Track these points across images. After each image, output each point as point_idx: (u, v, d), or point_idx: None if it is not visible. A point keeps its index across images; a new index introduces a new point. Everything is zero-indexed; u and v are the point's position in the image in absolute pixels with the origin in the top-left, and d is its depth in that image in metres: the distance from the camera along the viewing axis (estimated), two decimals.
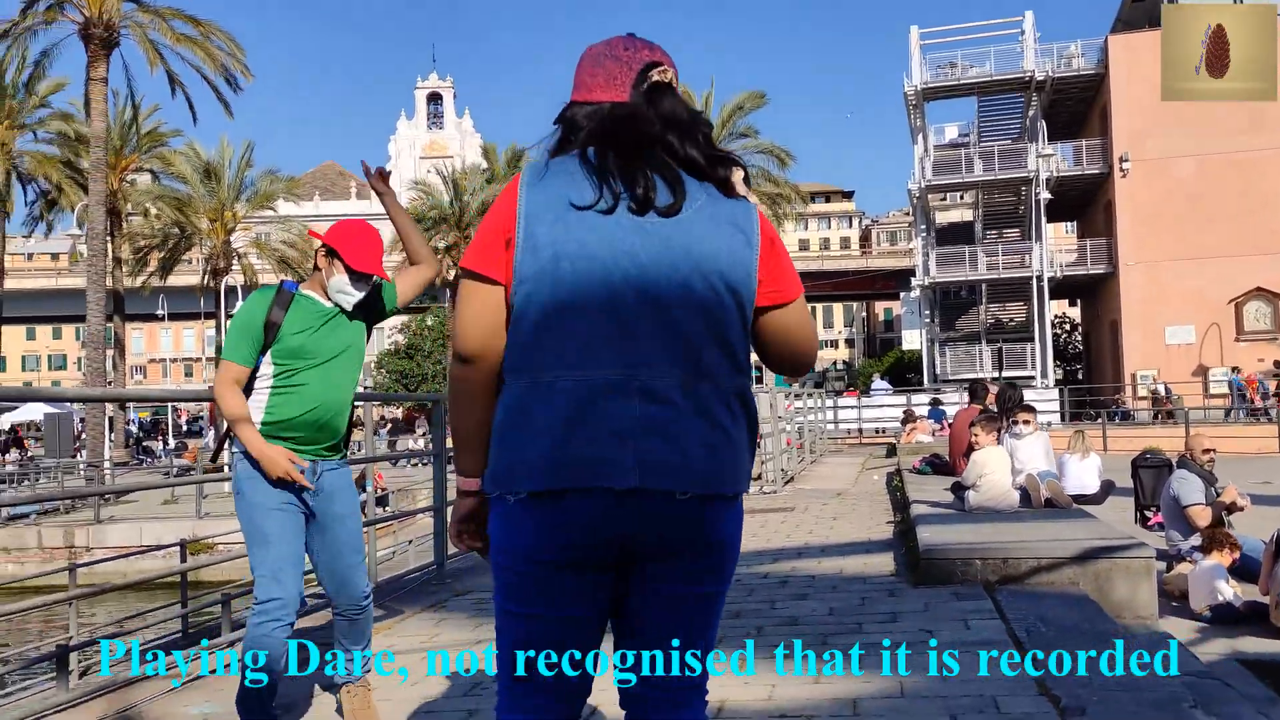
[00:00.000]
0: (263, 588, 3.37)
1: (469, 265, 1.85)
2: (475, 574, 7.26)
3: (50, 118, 37.85)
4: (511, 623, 1.89)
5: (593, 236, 1.79)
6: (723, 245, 1.83)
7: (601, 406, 1.76)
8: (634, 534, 1.80)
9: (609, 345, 1.78)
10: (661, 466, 1.77)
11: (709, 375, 1.82)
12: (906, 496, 9.36)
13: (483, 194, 42.61)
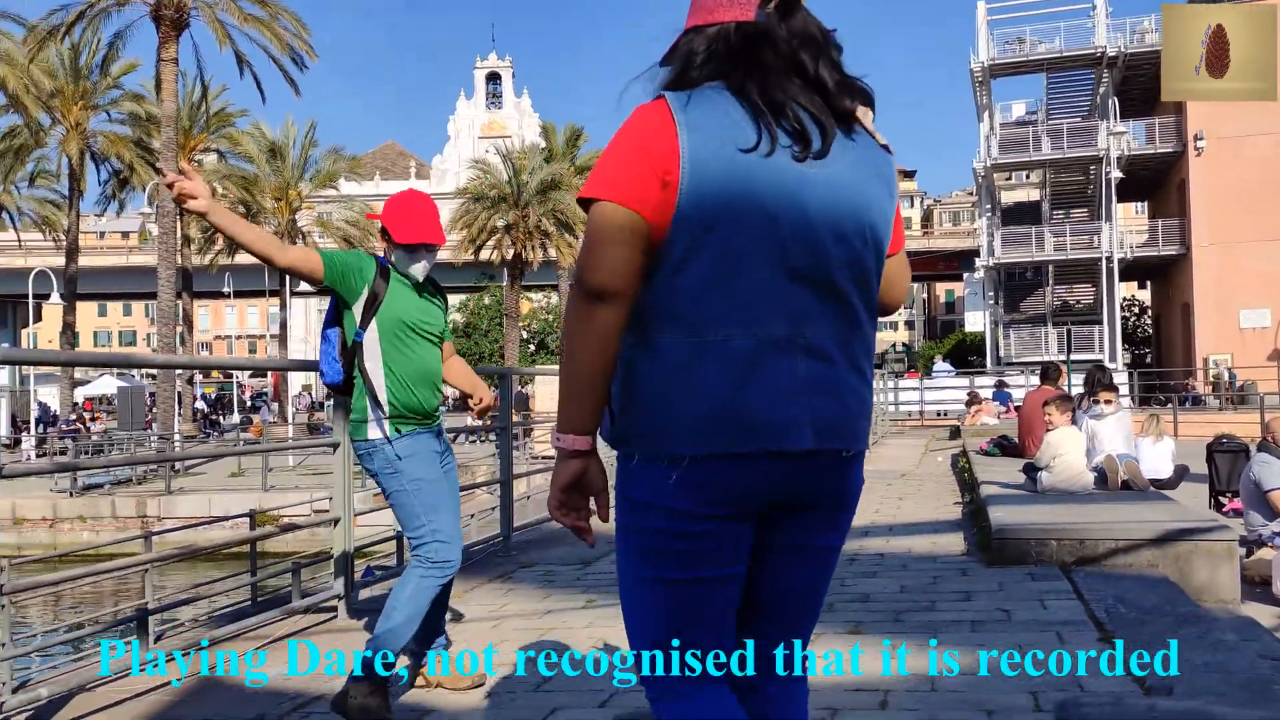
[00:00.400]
0: (436, 550, 3.54)
1: (617, 199, 1.67)
2: (541, 547, 7.31)
3: (122, 98, 38.60)
4: (662, 592, 1.75)
5: (760, 185, 1.66)
6: (873, 195, 1.76)
7: (771, 365, 1.67)
8: (797, 492, 1.74)
9: (776, 301, 1.68)
10: (833, 426, 1.72)
11: (858, 330, 1.77)
12: (974, 477, 9.24)
13: (541, 173, 42.71)
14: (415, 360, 3.61)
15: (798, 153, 1.69)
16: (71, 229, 38.63)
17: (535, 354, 58.46)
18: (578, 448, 1.73)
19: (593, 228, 1.69)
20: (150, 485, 22.54)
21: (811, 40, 1.74)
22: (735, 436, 1.66)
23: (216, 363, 5.01)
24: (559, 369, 1.73)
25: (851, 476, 1.83)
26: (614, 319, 1.69)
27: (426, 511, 3.56)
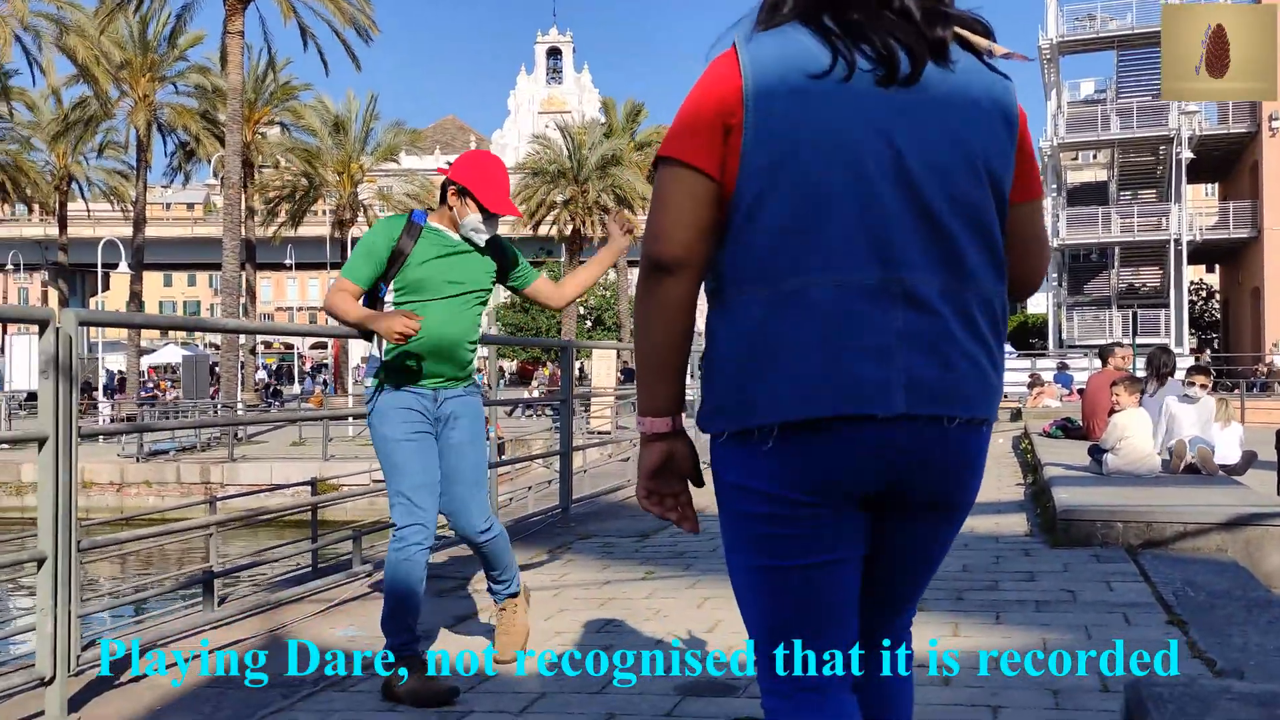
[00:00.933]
0: (398, 514, 3.46)
1: (674, 153, 1.54)
2: (599, 518, 7.35)
3: (189, 71, 39.14)
4: (767, 580, 1.59)
5: (838, 114, 1.49)
6: (984, 127, 1.55)
7: (859, 317, 1.47)
8: (898, 467, 1.53)
9: (864, 245, 1.49)
10: (931, 388, 1.50)
11: (971, 281, 1.54)
12: (1037, 458, 9.10)
13: (600, 148, 42.67)
14: (431, 316, 3.46)
15: (882, 76, 1.50)
16: (139, 199, 39.36)
17: (592, 330, 58.59)
18: (658, 430, 1.62)
19: (654, 192, 1.57)
20: (214, 452, 23.00)
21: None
22: (821, 400, 1.48)
23: (284, 328, 5.10)
24: (634, 349, 1.62)
25: (973, 451, 1.58)
26: (680, 289, 1.56)
27: (391, 473, 3.48)
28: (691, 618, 4.35)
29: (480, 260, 3.64)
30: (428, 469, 3.51)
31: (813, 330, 1.49)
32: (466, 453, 3.62)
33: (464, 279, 3.58)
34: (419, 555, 3.45)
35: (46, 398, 3.16)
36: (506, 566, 3.80)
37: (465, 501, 3.63)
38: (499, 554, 3.75)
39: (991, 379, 1.58)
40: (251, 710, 3.30)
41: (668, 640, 4.01)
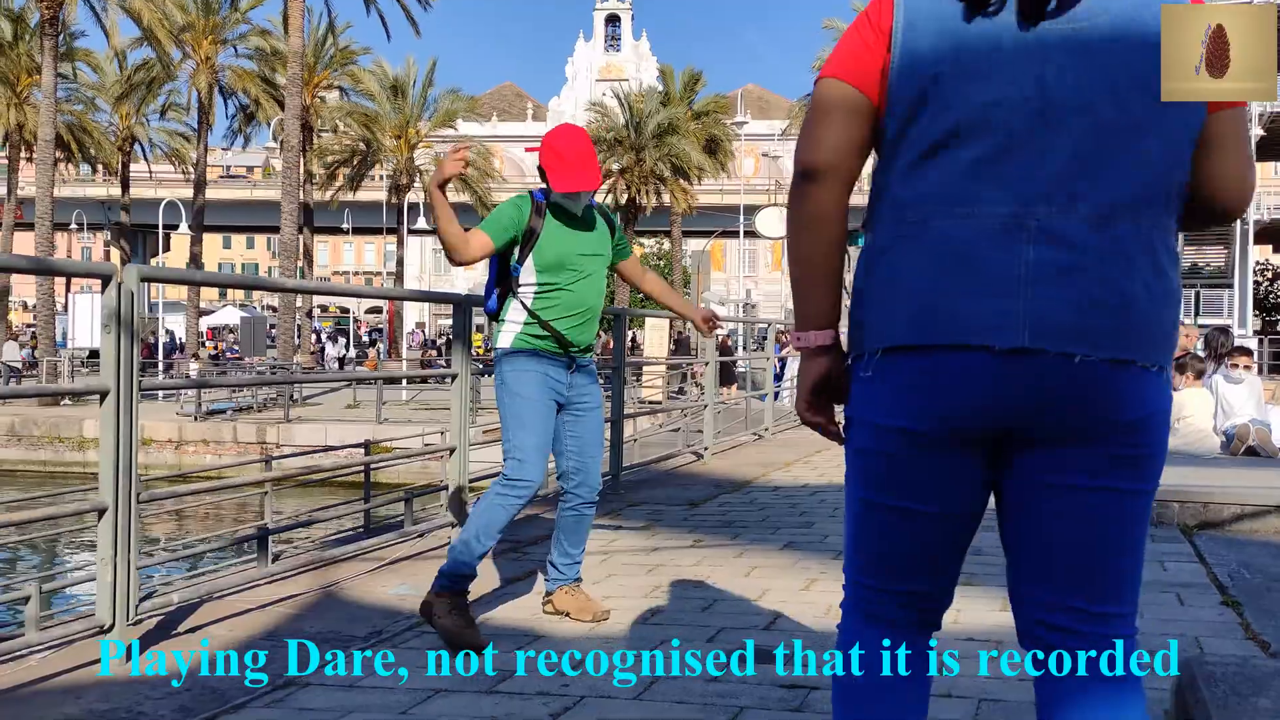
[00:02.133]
0: (511, 467, 3.57)
1: (832, 74, 1.56)
2: (649, 486, 7.37)
3: (250, 33, 39.51)
4: (870, 514, 1.62)
5: (980, 46, 1.47)
6: (1141, 46, 1.52)
7: (987, 249, 1.45)
8: (1019, 407, 1.47)
9: (998, 177, 1.47)
10: (1059, 322, 1.43)
11: (1130, 211, 1.48)
12: None
13: (657, 116, 42.45)
14: (570, 295, 3.65)
15: (1031, 8, 1.47)
16: (200, 161, 39.91)
17: (645, 300, 58.62)
18: (820, 343, 1.63)
19: (811, 106, 1.59)
20: (270, 413, 23.37)
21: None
22: (935, 327, 1.46)
23: (341, 289, 5.16)
24: (788, 261, 1.64)
25: (1119, 393, 1.46)
26: (829, 197, 1.57)
27: (514, 426, 3.60)
28: (739, 585, 4.36)
29: (600, 226, 3.80)
30: (547, 432, 3.65)
31: (935, 259, 1.48)
32: (595, 417, 3.81)
33: (591, 247, 3.73)
34: (513, 506, 3.57)
35: (109, 351, 3.23)
36: (583, 542, 3.89)
37: (593, 463, 3.81)
38: (584, 525, 3.85)
39: (1147, 320, 1.47)
40: (304, 663, 3.36)
41: (715, 607, 4.02)
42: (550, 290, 3.65)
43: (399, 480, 16.12)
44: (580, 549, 3.88)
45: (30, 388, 16.34)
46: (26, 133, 37.27)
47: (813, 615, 3.89)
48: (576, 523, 3.84)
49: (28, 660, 3.28)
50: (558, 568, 3.87)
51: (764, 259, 76.75)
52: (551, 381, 3.67)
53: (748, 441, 10.77)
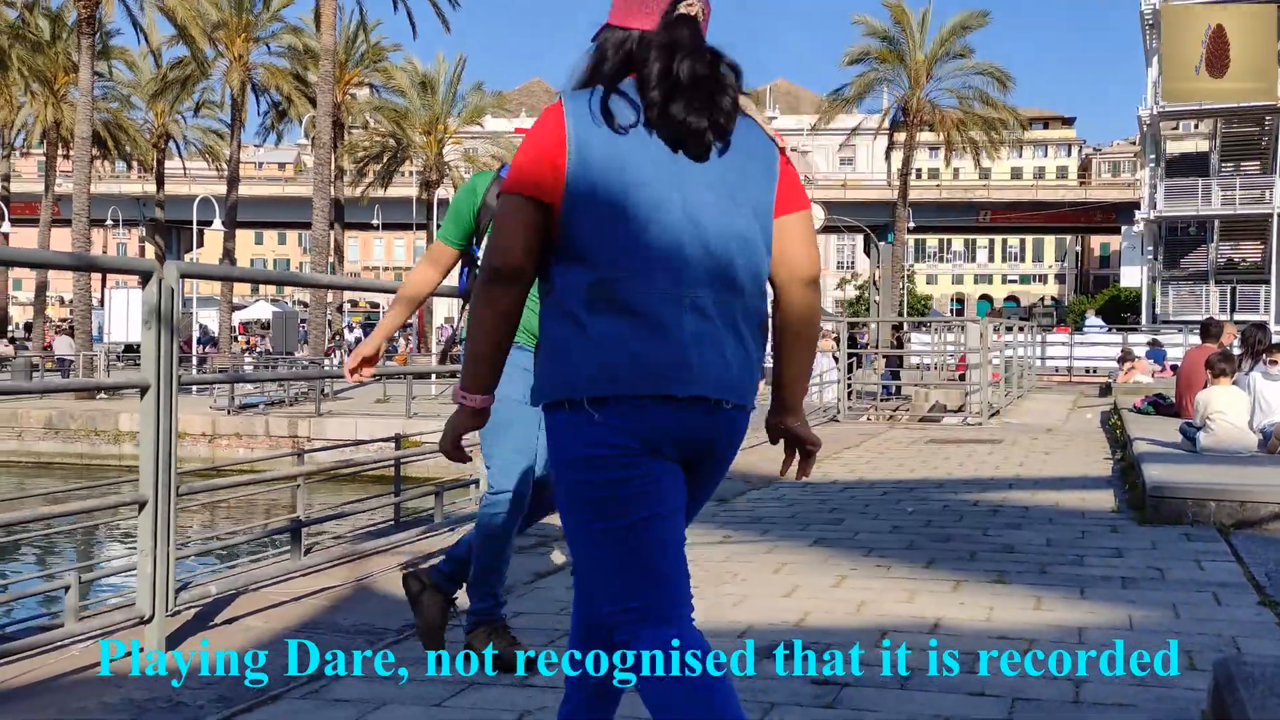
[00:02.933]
0: (494, 478, 3.38)
1: (514, 188, 1.89)
2: None
3: (282, 31, 39.78)
4: (608, 540, 1.90)
5: (637, 161, 1.87)
6: (751, 176, 1.93)
7: (663, 318, 1.84)
8: (692, 440, 1.90)
9: (662, 263, 1.85)
10: (714, 376, 1.87)
11: (740, 296, 1.91)
12: (1127, 434, 8.90)
13: None
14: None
15: (672, 138, 1.87)
16: (233, 158, 40.23)
17: None
18: (481, 405, 1.99)
19: (496, 218, 1.92)
20: (301, 407, 23.53)
21: (698, 51, 1.91)
22: (637, 380, 1.86)
23: (374, 284, 5.18)
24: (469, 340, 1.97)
25: (738, 432, 1.98)
26: (514, 295, 1.92)
27: (487, 431, 3.21)
28: (769, 582, 4.36)
29: None
30: (528, 432, 3.38)
31: (629, 325, 1.85)
32: None
33: None
34: (499, 518, 3.32)
35: (149, 347, 3.27)
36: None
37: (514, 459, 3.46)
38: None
39: (751, 375, 1.95)
40: (335, 654, 3.40)
41: (745, 603, 4.03)
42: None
43: (428, 474, 16.21)
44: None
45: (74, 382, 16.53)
46: (64, 130, 37.71)
47: (843, 612, 3.89)
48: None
49: (69, 650, 3.33)
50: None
51: None
52: (524, 374, 3.23)
53: None
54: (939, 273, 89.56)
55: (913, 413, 14.98)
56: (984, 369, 12.74)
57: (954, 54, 38.75)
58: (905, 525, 5.66)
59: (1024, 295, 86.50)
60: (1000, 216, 61.12)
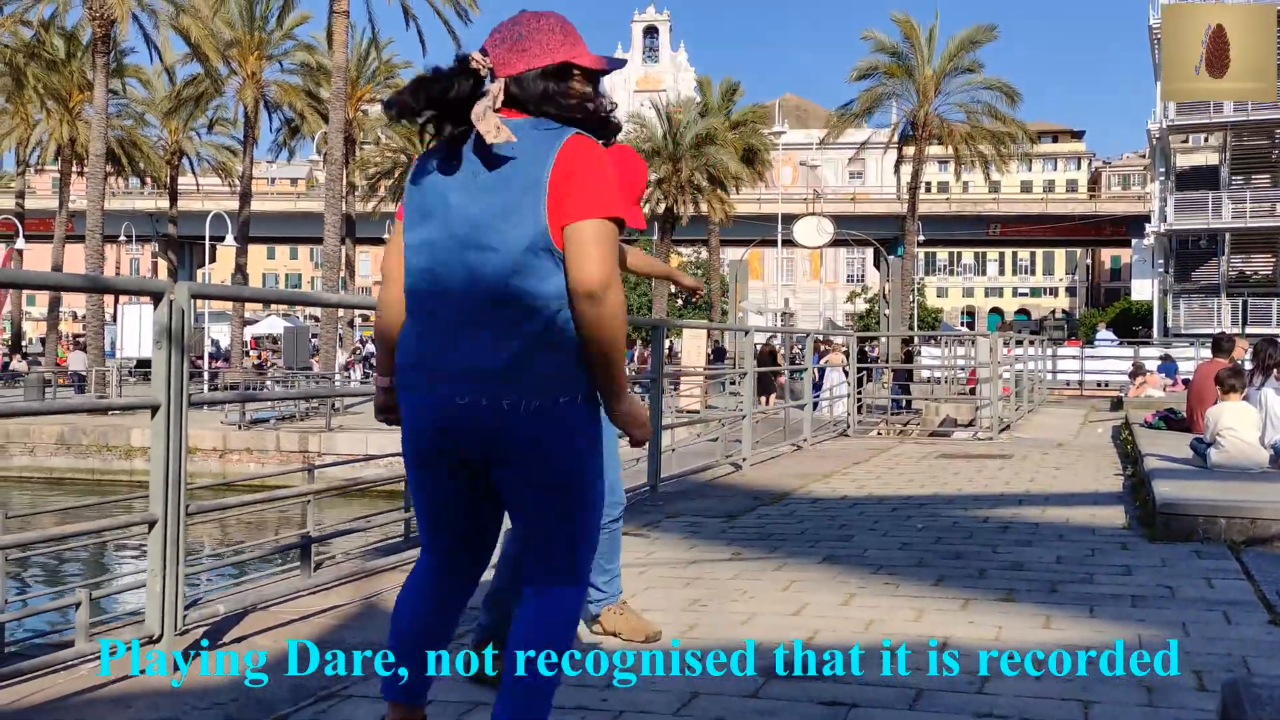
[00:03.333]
0: None
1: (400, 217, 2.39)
2: (687, 497, 7.37)
3: (294, 49, 40.04)
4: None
5: (428, 195, 2.30)
6: (509, 189, 2.20)
7: (433, 329, 2.25)
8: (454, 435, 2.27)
9: (426, 282, 2.28)
10: (466, 378, 2.20)
11: (487, 308, 2.20)
12: (1138, 450, 8.86)
13: (695, 127, 42.50)
14: None
15: (446, 166, 2.28)
16: (245, 174, 40.44)
17: (683, 309, 58.58)
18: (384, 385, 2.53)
19: (390, 238, 2.52)
20: (312, 422, 23.59)
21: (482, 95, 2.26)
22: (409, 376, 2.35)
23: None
24: (375, 335, 2.51)
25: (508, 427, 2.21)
26: (392, 293, 2.43)
27: None
28: (778, 599, 4.36)
29: None
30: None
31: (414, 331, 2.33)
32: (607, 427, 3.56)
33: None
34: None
35: (159, 367, 3.29)
36: (616, 558, 3.71)
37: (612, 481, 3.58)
38: (614, 540, 3.66)
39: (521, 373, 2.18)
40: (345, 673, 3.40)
41: (753, 620, 4.02)
42: None
43: None
44: (615, 563, 3.74)
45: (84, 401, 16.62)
46: (78, 147, 38.01)
47: (851, 630, 3.88)
48: (604, 538, 3.62)
49: (78, 670, 3.35)
50: (599, 588, 3.73)
51: (802, 268, 76.46)
52: None
53: (786, 452, 10.74)
54: (949, 286, 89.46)
55: (923, 427, 14.96)
56: (994, 383, 12.72)
57: (962, 69, 38.79)
58: (914, 542, 5.65)
59: (1034, 308, 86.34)
60: (1010, 230, 61.06)
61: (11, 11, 33.26)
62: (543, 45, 2.30)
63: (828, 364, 19.69)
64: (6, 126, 42.05)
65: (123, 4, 29.89)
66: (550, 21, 2.33)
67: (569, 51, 2.32)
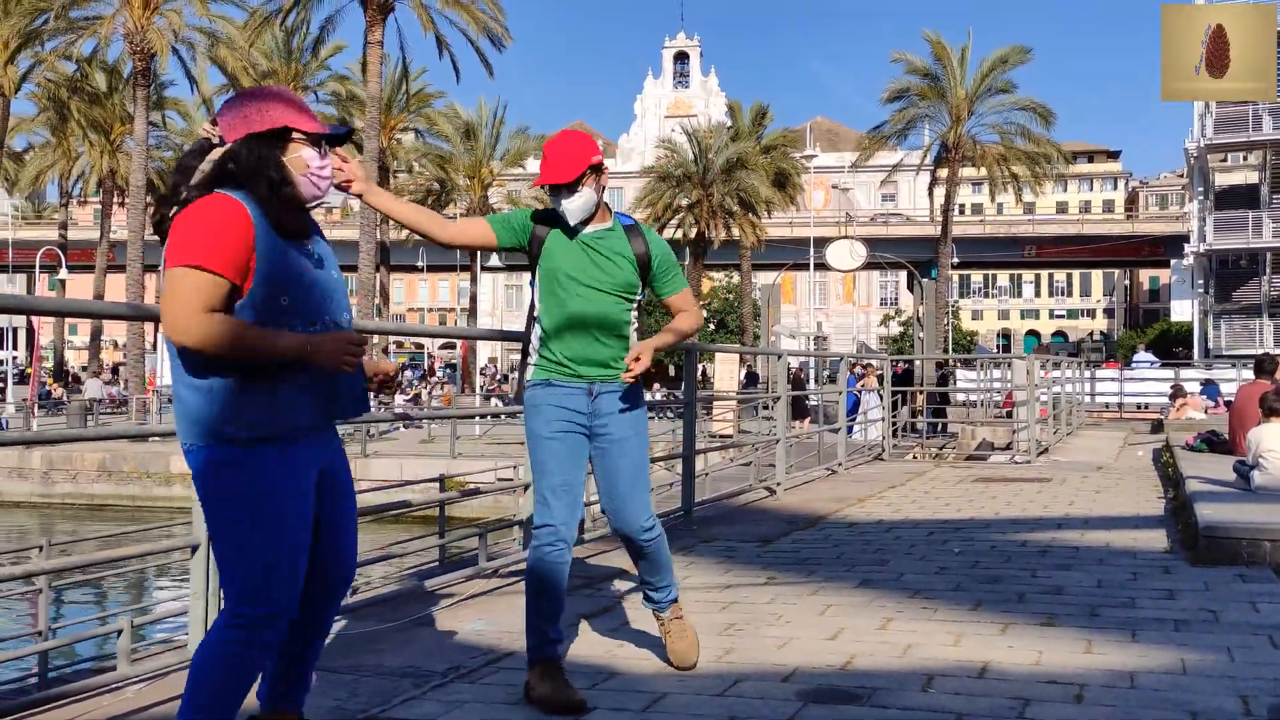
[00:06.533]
0: (537, 513, 3.46)
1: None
2: (722, 522, 7.36)
3: (329, 80, 40.59)
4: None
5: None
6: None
7: None
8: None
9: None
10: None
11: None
12: (1179, 472, 8.75)
13: (726, 151, 42.61)
14: (570, 308, 3.43)
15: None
16: None
17: (715, 333, 58.53)
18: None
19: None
20: (348, 448, 23.70)
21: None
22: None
23: (418, 329, 5.24)
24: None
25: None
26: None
27: (533, 468, 3.46)
28: (814, 624, 4.33)
29: (618, 257, 3.50)
30: (566, 469, 3.44)
31: None
32: (625, 448, 3.51)
33: (599, 271, 3.46)
34: (551, 555, 3.39)
35: None
36: (665, 570, 3.68)
37: (625, 499, 3.51)
38: (659, 555, 3.63)
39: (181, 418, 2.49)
40: (385, 697, 3.42)
41: (790, 645, 4.00)
42: (554, 307, 3.45)
43: (473, 515, 16.25)
44: (659, 575, 3.66)
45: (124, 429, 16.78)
46: (119, 178, 38.69)
47: (889, 655, 3.85)
48: (641, 558, 3.64)
49: (123, 693, 3.39)
50: (651, 599, 3.72)
51: (835, 291, 76.21)
52: (567, 414, 3.45)
53: (820, 476, 10.69)
54: (984, 308, 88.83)
55: (959, 451, 14.84)
56: (1032, 406, 12.60)
57: (996, 89, 38.66)
58: (952, 566, 5.60)
59: (1072, 330, 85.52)
60: (1046, 251, 60.64)
61: (55, 47, 33.96)
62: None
63: (862, 388, 19.60)
64: (50, 159, 42.96)
65: (162, 37, 30.49)
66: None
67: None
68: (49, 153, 42.95)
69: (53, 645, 6.42)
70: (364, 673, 3.69)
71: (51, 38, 33.56)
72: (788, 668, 3.70)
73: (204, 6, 31.34)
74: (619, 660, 3.83)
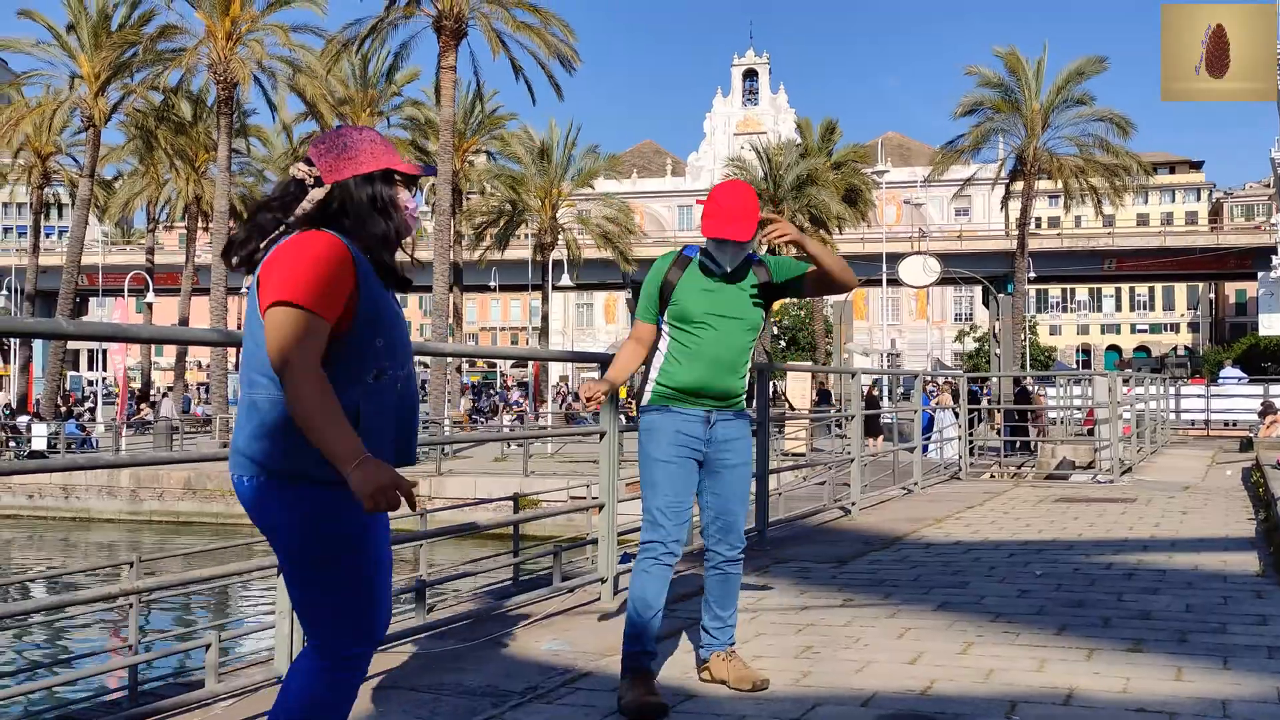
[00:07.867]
0: (645, 530, 3.63)
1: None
2: (796, 542, 7.31)
3: (403, 104, 41.31)
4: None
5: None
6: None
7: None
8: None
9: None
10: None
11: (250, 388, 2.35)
12: (1270, 493, 8.48)
13: (796, 168, 42.45)
14: (700, 343, 3.59)
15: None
16: None
17: (786, 350, 58.26)
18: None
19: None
20: (422, 466, 24.04)
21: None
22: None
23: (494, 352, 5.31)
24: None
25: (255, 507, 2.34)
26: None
27: (645, 487, 3.64)
28: (892, 648, 4.28)
29: (739, 290, 3.67)
30: (679, 491, 3.63)
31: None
32: (739, 474, 3.73)
33: (727, 309, 3.63)
34: (656, 569, 3.58)
35: None
36: (735, 599, 3.82)
37: (731, 520, 3.73)
38: (731, 585, 3.78)
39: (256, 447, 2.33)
40: (465, 715, 3.46)
41: (868, 669, 3.96)
42: (681, 342, 3.62)
43: (546, 533, 16.36)
44: (730, 610, 3.80)
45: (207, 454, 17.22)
46: (204, 204, 39.79)
47: (970, 680, 3.79)
48: (722, 582, 3.76)
49: (212, 709, 3.47)
50: (710, 633, 3.80)
51: (908, 307, 75.38)
52: (684, 438, 3.61)
53: (896, 496, 10.56)
54: (1063, 323, 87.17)
55: (1039, 470, 14.55)
56: (1114, 423, 12.32)
57: (1072, 101, 38.00)
58: (1033, 589, 5.49)
59: (1154, 345, 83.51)
60: (1127, 264, 59.27)
61: (143, 78, 35.08)
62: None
63: (937, 406, 19.33)
64: (138, 186, 44.29)
65: (244, 66, 31.34)
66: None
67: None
68: (137, 180, 44.29)
69: (142, 659, 6.59)
70: (444, 691, 3.74)
71: (139, 69, 34.64)
72: (866, 692, 3.66)
73: (286, 36, 32.14)
74: (695, 682, 3.83)
